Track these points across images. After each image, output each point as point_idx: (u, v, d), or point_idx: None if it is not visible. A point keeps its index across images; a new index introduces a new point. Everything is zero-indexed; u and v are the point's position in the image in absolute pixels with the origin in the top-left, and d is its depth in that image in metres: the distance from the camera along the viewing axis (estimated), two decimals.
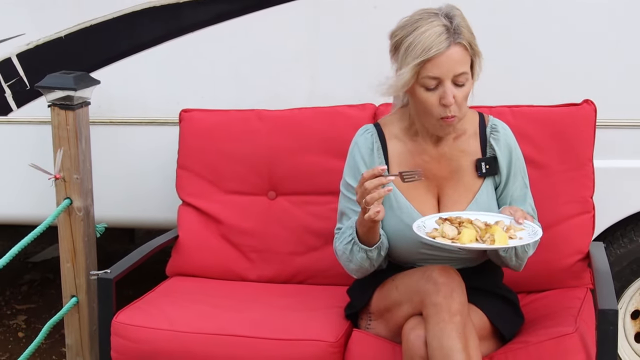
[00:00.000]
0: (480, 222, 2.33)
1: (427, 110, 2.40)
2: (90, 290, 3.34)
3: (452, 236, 2.29)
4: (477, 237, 2.29)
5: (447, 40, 2.32)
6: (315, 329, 2.59)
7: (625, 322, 3.17)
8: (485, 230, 2.31)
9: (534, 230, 2.33)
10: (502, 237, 2.28)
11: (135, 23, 3.35)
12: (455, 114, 2.38)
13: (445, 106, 2.36)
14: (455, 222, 2.34)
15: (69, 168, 3.25)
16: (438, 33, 2.32)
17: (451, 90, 2.35)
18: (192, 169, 3.17)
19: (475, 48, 2.40)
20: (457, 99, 2.37)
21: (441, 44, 2.32)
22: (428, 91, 2.38)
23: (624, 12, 3.00)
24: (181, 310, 2.78)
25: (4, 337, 4.11)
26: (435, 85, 2.36)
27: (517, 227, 2.34)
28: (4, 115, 3.54)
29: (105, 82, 3.34)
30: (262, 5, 3.26)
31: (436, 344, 2.25)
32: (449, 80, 2.35)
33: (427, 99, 2.38)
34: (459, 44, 2.34)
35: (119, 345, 2.69)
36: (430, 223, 2.38)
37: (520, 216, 2.36)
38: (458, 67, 2.35)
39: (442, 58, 2.33)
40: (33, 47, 3.46)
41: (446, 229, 2.31)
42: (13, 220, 3.64)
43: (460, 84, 2.37)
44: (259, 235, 3.10)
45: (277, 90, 3.29)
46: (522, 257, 2.46)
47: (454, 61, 2.34)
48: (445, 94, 2.35)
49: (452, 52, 2.34)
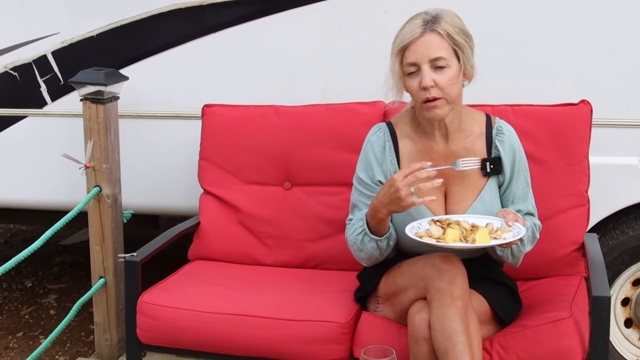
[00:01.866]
0: (467, 224, 2.35)
1: (413, 96, 2.43)
2: (117, 271, 3.36)
3: (438, 236, 2.31)
4: (462, 237, 2.31)
5: (421, 27, 2.37)
6: (326, 311, 2.59)
7: (616, 309, 3.16)
8: (470, 231, 2.33)
9: (519, 230, 2.34)
10: (484, 237, 2.29)
11: (162, 24, 3.35)
12: (437, 95, 2.38)
13: (425, 89, 2.37)
14: (444, 223, 2.36)
15: (99, 158, 3.26)
16: (415, 25, 2.38)
17: (429, 74, 2.36)
18: (213, 160, 3.17)
19: (457, 38, 2.38)
20: (439, 82, 2.37)
21: (416, 31, 2.37)
22: (410, 77, 2.40)
23: (621, 21, 2.98)
24: (201, 291, 2.79)
25: (37, 314, 4.13)
26: (415, 71, 2.38)
27: (506, 229, 2.34)
28: (40, 108, 3.56)
29: (134, 79, 3.36)
30: (279, 9, 3.26)
31: (439, 327, 2.25)
32: (425, 64, 2.36)
33: (410, 85, 2.41)
34: (434, 31, 2.37)
35: (144, 323, 2.70)
36: (425, 225, 2.40)
37: (511, 219, 2.36)
38: (432, 52, 2.36)
39: (418, 43, 2.36)
40: (67, 45, 3.47)
41: (433, 230, 2.34)
42: (46, 206, 3.66)
43: (440, 67, 2.37)
44: (275, 223, 3.10)
45: (293, 88, 3.28)
46: (517, 256, 2.47)
47: (428, 46, 2.36)
48: (423, 77, 2.36)
49: (426, 38, 2.36)
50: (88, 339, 3.78)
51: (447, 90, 2.39)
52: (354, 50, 3.20)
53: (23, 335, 3.89)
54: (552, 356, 2.38)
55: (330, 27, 3.22)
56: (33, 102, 3.56)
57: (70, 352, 3.67)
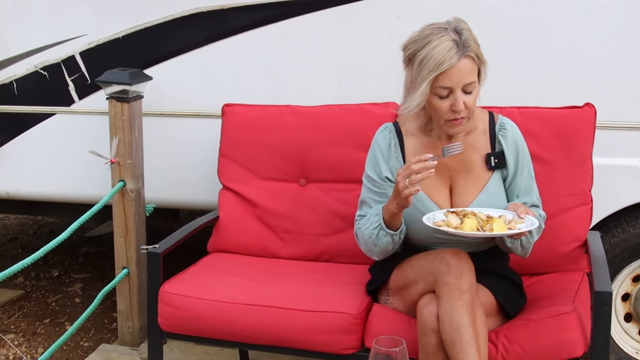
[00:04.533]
0: (483, 215, 2.35)
1: (439, 114, 2.41)
2: (140, 262, 3.37)
3: (456, 225, 2.30)
4: (478, 227, 2.30)
5: (457, 54, 2.32)
6: (339, 303, 2.59)
7: (617, 304, 3.15)
8: (486, 222, 2.32)
9: (532, 222, 2.34)
10: (501, 226, 2.29)
11: (185, 26, 3.35)
12: (465, 115, 2.39)
13: (456, 112, 2.37)
14: (460, 214, 2.36)
15: (123, 154, 3.27)
16: (448, 48, 2.32)
17: (461, 98, 2.35)
18: (232, 157, 3.17)
19: (482, 58, 2.39)
20: (467, 104, 2.37)
21: (452, 58, 2.31)
22: (441, 99, 2.37)
23: (624, 26, 2.97)
24: (220, 282, 2.79)
25: (63, 302, 4.15)
26: (447, 94, 2.36)
27: (518, 220, 2.35)
28: (68, 106, 3.57)
29: (157, 79, 3.36)
30: (296, 13, 3.25)
31: (447, 319, 2.25)
32: (459, 89, 2.35)
33: (439, 105, 2.38)
34: (468, 56, 2.34)
35: (165, 311, 2.70)
36: (440, 216, 2.40)
37: (522, 212, 2.37)
38: (467, 77, 2.35)
39: (453, 70, 2.33)
40: (94, 46, 3.48)
41: (451, 219, 2.34)
42: (73, 200, 3.67)
43: (469, 92, 2.37)
44: (290, 218, 3.10)
45: (309, 89, 3.28)
46: (526, 247, 2.46)
47: (464, 72, 2.34)
48: (456, 102, 2.35)
49: (461, 65, 2.33)
50: (111, 326, 3.79)
51: (473, 109, 2.40)
52: (368, 53, 3.20)
53: (50, 321, 3.91)
54: (555, 348, 2.38)
55: (345, 31, 3.21)
56: (61, 100, 3.57)
57: (94, 339, 3.69)
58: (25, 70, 3.58)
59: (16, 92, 3.61)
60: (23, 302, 4.14)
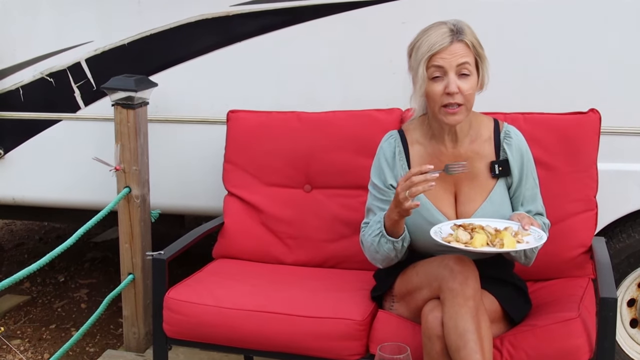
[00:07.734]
0: (491, 228, 2.34)
1: (434, 99, 2.40)
2: (145, 268, 3.37)
3: (466, 240, 2.30)
4: (488, 242, 2.29)
5: (450, 37, 2.36)
6: (344, 309, 2.59)
7: (622, 309, 3.13)
8: (495, 235, 2.31)
9: (539, 235, 2.33)
10: (511, 242, 2.28)
11: (190, 33, 3.36)
12: (460, 102, 2.38)
13: (450, 94, 2.36)
14: (468, 228, 2.34)
15: (129, 160, 3.28)
16: (442, 32, 2.37)
17: (455, 80, 2.36)
18: (237, 163, 3.17)
19: (479, 50, 2.41)
20: (462, 89, 2.37)
21: (445, 40, 2.36)
22: (434, 82, 2.38)
23: (629, 31, 2.96)
24: (225, 288, 2.79)
25: (69, 307, 4.15)
26: (440, 76, 2.37)
27: (524, 232, 2.34)
28: (73, 113, 3.58)
29: (162, 85, 3.37)
30: (301, 19, 3.26)
31: (452, 325, 2.24)
32: (452, 71, 2.36)
33: (433, 89, 2.39)
34: (461, 41, 2.37)
35: (170, 317, 2.70)
36: (446, 229, 2.38)
37: (527, 223, 2.36)
38: (460, 58, 2.36)
39: (446, 51, 2.35)
40: (100, 53, 3.49)
41: (460, 234, 2.31)
42: (79, 206, 3.68)
43: (464, 75, 2.37)
44: (295, 224, 3.09)
45: (314, 95, 3.28)
46: (530, 257, 2.46)
47: (457, 54, 2.36)
48: (449, 83, 2.36)
49: (454, 47, 2.36)
50: (117, 331, 3.79)
51: (469, 98, 2.40)
52: (373, 59, 3.19)
53: (56, 327, 3.91)
54: (560, 354, 2.36)
55: (351, 37, 3.21)
56: (67, 107, 3.58)
57: (100, 344, 3.68)
58: (32, 77, 3.59)
59: (22, 99, 3.62)
60: (29, 307, 4.15)
